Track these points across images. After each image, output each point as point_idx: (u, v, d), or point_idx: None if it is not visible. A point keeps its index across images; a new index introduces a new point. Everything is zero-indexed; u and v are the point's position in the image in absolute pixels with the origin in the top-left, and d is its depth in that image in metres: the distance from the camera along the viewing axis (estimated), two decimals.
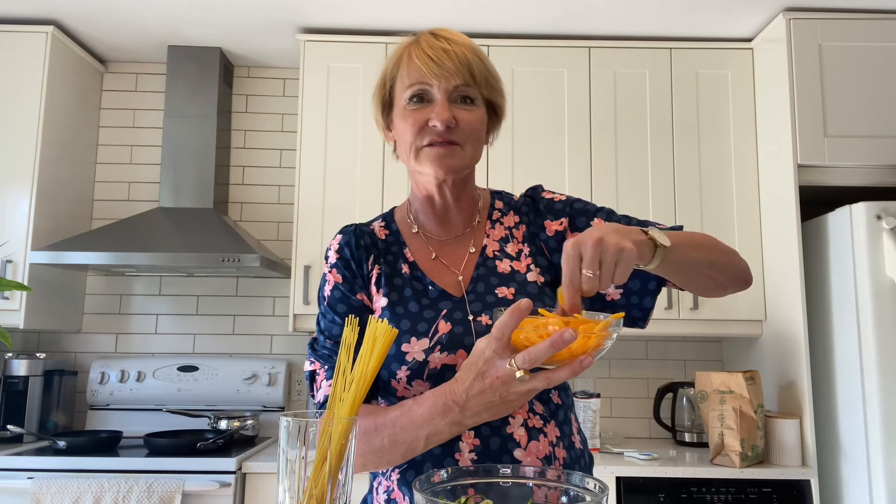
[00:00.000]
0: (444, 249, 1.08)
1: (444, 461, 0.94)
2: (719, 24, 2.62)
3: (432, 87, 0.98)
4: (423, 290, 1.03)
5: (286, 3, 2.50)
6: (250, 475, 2.24)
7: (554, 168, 2.62)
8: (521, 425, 0.95)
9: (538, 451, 0.95)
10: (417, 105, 0.99)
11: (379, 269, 1.06)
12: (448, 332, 0.98)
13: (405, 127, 1.00)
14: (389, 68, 1.04)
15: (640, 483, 2.21)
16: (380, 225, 1.11)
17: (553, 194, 1.13)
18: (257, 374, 2.74)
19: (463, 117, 0.99)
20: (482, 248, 1.07)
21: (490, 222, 1.10)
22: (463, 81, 0.98)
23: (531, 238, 1.08)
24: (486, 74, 1.02)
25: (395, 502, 0.99)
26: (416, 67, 0.99)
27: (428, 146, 0.99)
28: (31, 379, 2.55)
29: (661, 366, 2.88)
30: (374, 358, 0.81)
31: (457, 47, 0.99)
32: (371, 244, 1.08)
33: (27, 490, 2.10)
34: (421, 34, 1.03)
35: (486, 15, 2.58)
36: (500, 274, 1.03)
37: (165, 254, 2.44)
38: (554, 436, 0.98)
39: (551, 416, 0.99)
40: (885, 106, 2.41)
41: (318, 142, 2.63)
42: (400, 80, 1.02)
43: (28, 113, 2.56)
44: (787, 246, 2.41)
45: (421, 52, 0.99)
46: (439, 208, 1.07)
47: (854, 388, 2.16)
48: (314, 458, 0.73)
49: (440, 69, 0.97)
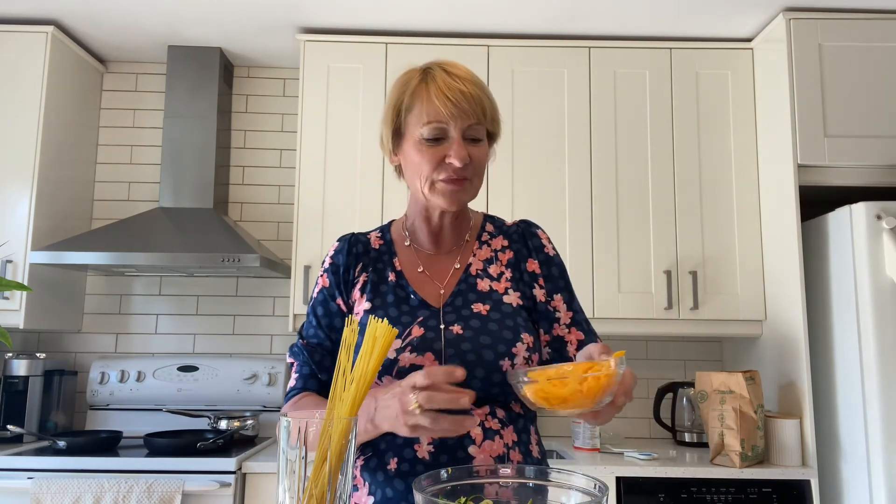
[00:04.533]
0: (431, 263, 1.17)
1: (403, 451, 1.02)
2: (719, 24, 2.62)
3: (449, 126, 1.06)
4: (405, 297, 1.12)
5: (286, 3, 2.50)
6: (250, 475, 2.24)
7: (554, 168, 2.62)
8: (479, 425, 1.03)
9: (492, 450, 1.03)
10: (434, 143, 1.07)
11: (366, 276, 1.15)
12: (420, 336, 1.06)
13: (422, 160, 1.08)
14: (404, 98, 1.10)
15: (640, 483, 2.21)
16: (376, 235, 1.22)
17: (546, 242, 1.21)
18: (257, 374, 2.74)
19: (474, 154, 1.08)
20: (467, 266, 1.16)
21: (478, 243, 1.19)
22: (476, 121, 1.07)
23: (516, 264, 1.17)
24: (492, 110, 1.11)
25: (357, 488, 1.07)
26: (435, 108, 1.06)
27: (443, 181, 1.08)
28: (31, 379, 2.55)
29: (661, 366, 2.88)
30: (374, 358, 0.81)
31: (470, 87, 1.07)
32: (363, 252, 1.18)
33: (27, 490, 2.10)
34: (433, 68, 1.10)
35: (486, 15, 2.57)
36: (479, 291, 1.12)
37: (165, 254, 2.44)
38: (510, 439, 1.06)
39: (510, 422, 1.07)
40: (885, 106, 2.41)
41: (318, 142, 2.63)
42: (416, 114, 1.08)
43: (28, 113, 2.56)
44: (787, 246, 2.41)
45: (439, 91, 1.06)
46: (434, 227, 1.17)
47: (854, 388, 2.16)
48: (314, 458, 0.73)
49: (458, 110, 1.05)
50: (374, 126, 2.64)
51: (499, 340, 1.06)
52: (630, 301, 2.55)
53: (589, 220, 2.60)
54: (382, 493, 1.02)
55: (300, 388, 1.13)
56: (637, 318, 2.56)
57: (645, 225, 2.61)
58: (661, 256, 2.58)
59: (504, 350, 1.05)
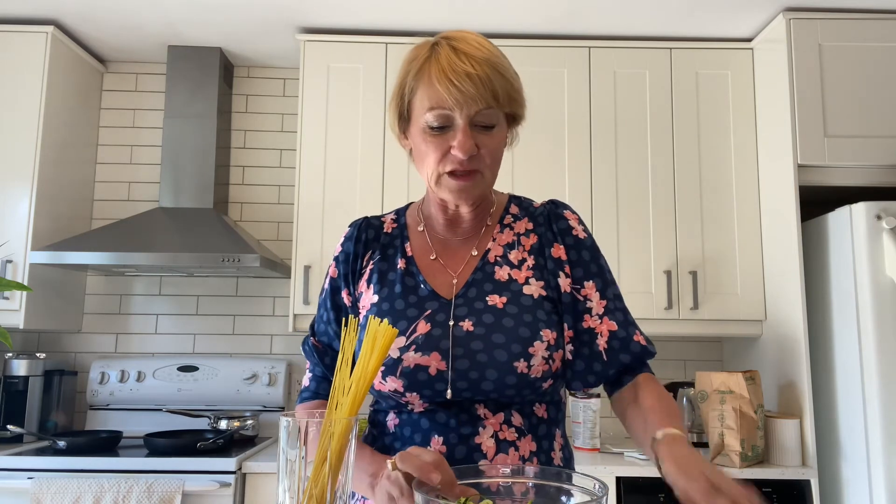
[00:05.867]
0: (445, 250, 1.07)
1: None
2: (719, 24, 2.62)
3: (454, 113, 0.94)
4: (413, 286, 1.03)
5: (286, 3, 2.50)
6: (250, 475, 2.24)
7: (554, 169, 2.62)
8: (491, 437, 0.95)
9: (505, 463, 0.94)
10: (439, 131, 0.95)
11: (373, 265, 1.07)
12: (426, 333, 0.97)
13: (427, 151, 0.97)
14: (408, 79, 0.99)
15: (640, 483, 2.21)
16: (391, 218, 1.13)
17: (574, 224, 1.08)
18: (257, 374, 2.74)
19: (485, 143, 0.96)
20: (485, 252, 1.05)
21: (500, 226, 1.08)
22: (486, 105, 0.94)
23: (540, 249, 1.05)
24: (508, 91, 0.97)
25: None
26: (436, 92, 0.94)
27: (449, 174, 0.97)
28: (31, 379, 2.55)
29: (661, 366, 2.88)
30: (373, 358, 0.81)
31: (479, 67, 0.93)
32: (373, 238, 1.09)
33: (27, 490, 2.10)
34: (440, 43, 0.97)
35: (486, 15, 2.57)
36: (496, 281, 1.01)
37: (165, 254, 2.44)
38: (528, 450, 0.97)
39: (529, 429, 0.98)
40: (885, 106, 2.41)
41: (318, 142, 2.63)
42: (419, 98, 0.97)
43: (28, 113, 2.56)
44: (787, 246, 2.41)
45: (442, 74, 0.93)
46: (451, 215, 1.07)
47: (854, 388, 2.16)
48: (314, 458, 0.73)
49: (462, 95, 0.92)
50: (375, 126, 2.64)
51: (514, 339, 0.95)
52: (630, 301, 2.51)
53: (589, 220, 2.59)
54: None
55: (313, 390, 1.09)
56: (637, 318, 2.53)
57: (645, 225, 2.61)
58: (661, 256, 2.58)
59: (519, 350, 0.94)
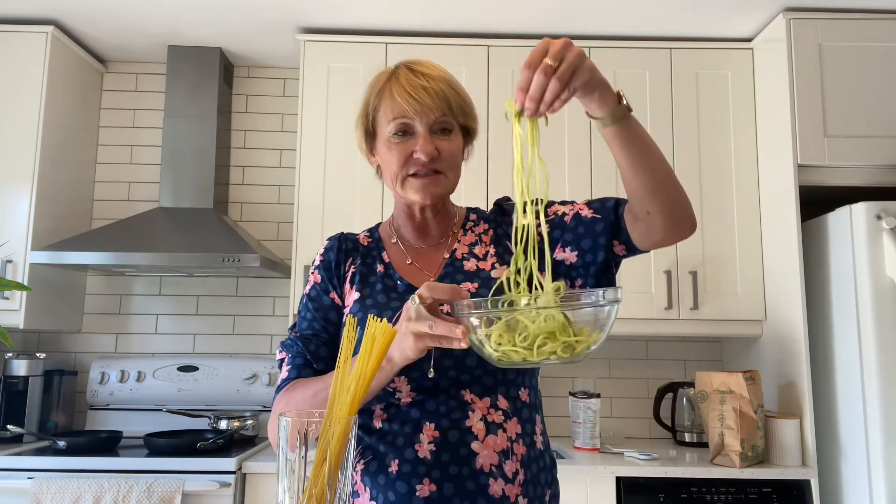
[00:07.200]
0: (420, 256, 1.17)
1: (403, 452, 1.01)
2: (719, 24, 2.62)
3: (414, 122, 1.07)
4: (393, 285, 1.12)
5: (286, 3, 2.50)
6: (250, 475, 2.24)
7: (554, 169, 2.62)
8: (481, 419, 1.02)
9: (495, 444, 1.01)
10: (401, 138, 1.08)
11: (355, 269, 1.15)
12: None
13: (391, 157, 1.09)
14: (371, 99, 1.13)
15: (640, 483, 2.21)
16: (364, 235, 1.23)
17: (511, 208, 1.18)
18: (257, 374, 2.74)
19: (444, 147, 1.08)
20: (452, 252, 1.16)
21: (463, 230, 1.20)
22: (441, 113, 1.07)
23: (497, 240, 1.17)
24: (461, 104, 1.11)
25: (357, 494, 1.04)
26: (397, 104, 1.07)
27: (412, 176, 1.08)
28: (31, 379, 2.55)
29: (661, 366, 2.88)
30: (373, 357, 0.81)
31: (433, 83, 1.07)
32: (353, 248, 1.19)
33: (27, 490, 2.10)
34: (399, 68, 1.11)
35: (487, 15, 2.57)
36: (466, 271, 1.12)
37: (165, 254, 2.44)
38: (514, 432, 1.04)
39: (514, 412, 1.05)
40: (885, 106, 2.41)
41: (318, 142, 2.63)
42: (383, 113, 1.10)
43: (28, 113, 2.55)
44: (787, 246, 2.41)
45: (401, 89, 1.07)
46: (418, 223, 1.17)
47: (854, 388, 2.16)
48: (314, 458, 0.73)
49: (420, 105, 1.06)
50: None
51: None
52: (630, 301, 2.55)
53: None
54: (385, 498, 1.00)
55: (294, 377, 1.08)
56: (637, 318, 2.56)
57: None
58: (661, 256, 2.58)
59: None
